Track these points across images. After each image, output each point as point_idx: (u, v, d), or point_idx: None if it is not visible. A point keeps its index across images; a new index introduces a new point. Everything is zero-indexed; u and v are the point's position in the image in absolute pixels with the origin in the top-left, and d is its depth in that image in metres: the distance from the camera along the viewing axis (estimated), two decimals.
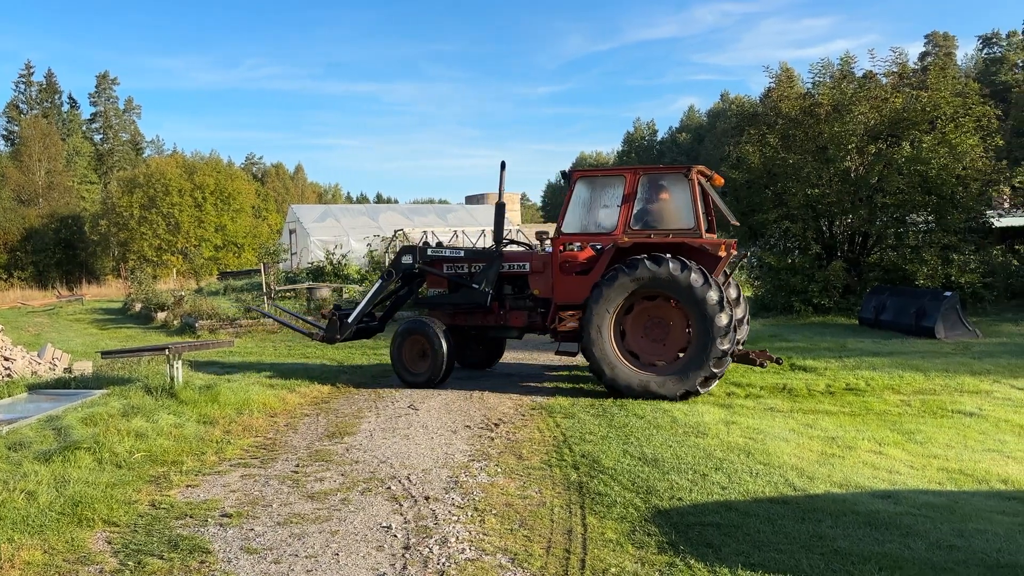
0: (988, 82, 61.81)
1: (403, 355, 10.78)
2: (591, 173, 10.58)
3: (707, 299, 9.17)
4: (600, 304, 9.52)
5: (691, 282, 9.18)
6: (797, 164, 19.79)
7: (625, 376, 9.50)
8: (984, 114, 19.38)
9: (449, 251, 11.49)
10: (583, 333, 9.65)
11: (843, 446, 7.36)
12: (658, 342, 9.78)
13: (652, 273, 9.32)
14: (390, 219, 40.29)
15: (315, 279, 26.98)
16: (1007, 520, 5.28)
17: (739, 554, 4.63)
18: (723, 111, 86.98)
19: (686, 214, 9.86)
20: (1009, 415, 8.53)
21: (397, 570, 4.57)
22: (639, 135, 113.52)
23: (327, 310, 11.77)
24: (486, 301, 10.76)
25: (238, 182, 61.75)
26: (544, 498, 5.89)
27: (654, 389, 9.40)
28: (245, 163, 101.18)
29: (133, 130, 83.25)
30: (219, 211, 57.60)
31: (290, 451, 7.44)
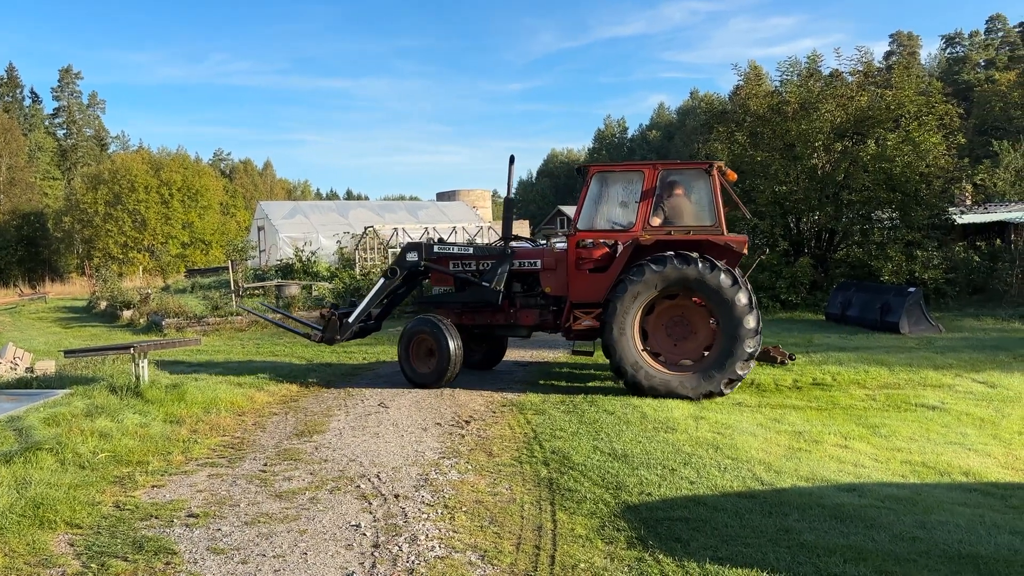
0: (951, 81, 63.00)
1: (410, 354, 10.39)
2: (608, 168, 10.32)
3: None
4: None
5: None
6: (765, 161, 20.00)
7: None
8: (947, 113, 19.74)
9: (457, 248, 11.07)
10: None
11: (810, 440, 7.45)
12: (679, 341, 9.61)
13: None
14: (360, 216, 40.06)
15: (284, 276, 26.73)
16: (968, 511, 5.38)
17: (707, 548, 4.67)
18: (693, 109, 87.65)
19: (708, 211, 9.73)
20: (970, 408, 8.69)
21: (366, 569, 4.54)
22: (610, 132, 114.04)
23: (326, 310, 11.25)
24: (497, 300, 10.37)
25: (206, 178, 60.97)
26: (514, 495, 5.89)
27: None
28: (213, 159, 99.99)
29: (97, 125, 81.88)
30: (186, 208, 56.84)
31: (258, 450, 7.37)
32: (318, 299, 21.72)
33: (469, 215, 42.81)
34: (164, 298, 22.61)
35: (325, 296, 21.67)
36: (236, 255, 34.29)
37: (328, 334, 10.99)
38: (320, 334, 11.06)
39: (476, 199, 53.88)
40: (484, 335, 11.30)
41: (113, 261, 48.18)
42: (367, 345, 14.82)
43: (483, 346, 11.72)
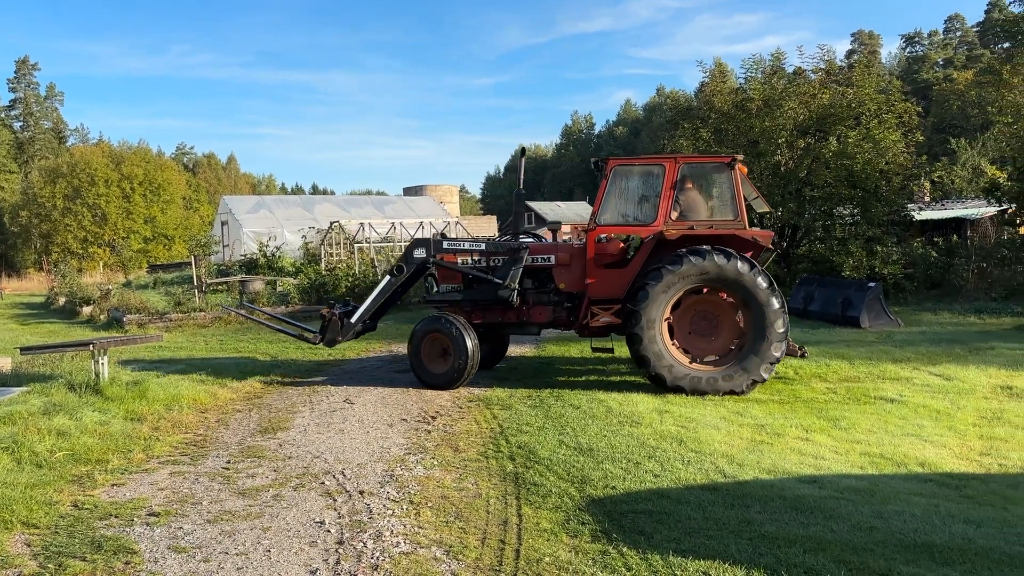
0: (910, 80, 64.15)
1: (422, 355, 9.94)
2: (628, 162, 10.16)
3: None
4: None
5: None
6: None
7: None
8: (905, 111, 20.12)
9: (468, 243, 10.72)
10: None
11: (772, 433, 7.56)
12: (704, 337, 9.54)
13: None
14: (326, 211, 39.75)
15: (248, 272, 26.47)
16: (923, 501, 5.50)
17: (670, 540, 4.71)
18: (659, 105, 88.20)
19: (730, 205, 9.70)
20: (927, 401, 8.88)
21: (330, 565, 4.52)
22: (577, 128, 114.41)
23: (326, 309, 10.61)
24: (512, 297, 9.99)
25: (168, 172, 60.09)
26: (480, 490, 5.90)
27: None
28: (176, 153, 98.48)
29: (55, 118, 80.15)
30: (148, 202, 55.96)
31: (221, 447, 7.29)
32: (282, 295, 21.53)
33: (436, 210, 42.69)
34: (125, 294, 22.26)
35: (290, 292, 21.48)
36: (199, 250, 33.83)
37: (329, 335, 10.42)
38: (319, 336, 10.48)
39: (443, 194, 53.78)
40: (487, 333, 10.82)
41: (72, 256, 47.31)
42: None
43: (485, 345, 11.14)
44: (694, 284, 9.23)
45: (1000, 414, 8.29)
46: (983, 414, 8.34)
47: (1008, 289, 18.38)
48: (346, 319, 10.39)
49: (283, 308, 20.14)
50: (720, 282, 9.15)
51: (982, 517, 5.13)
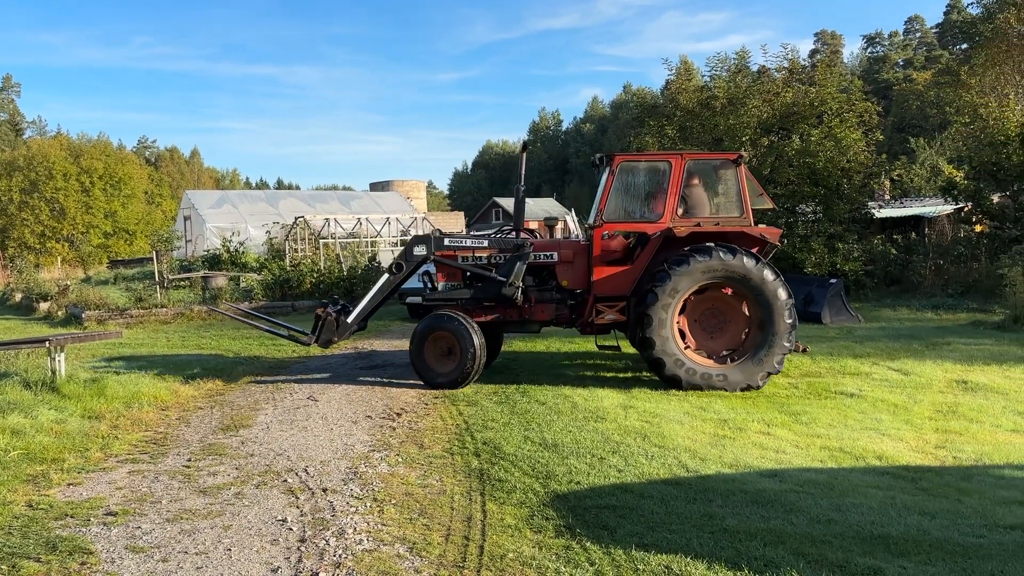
0: (871, 80, 65.21)
1: (425, 354, 9.65)
2: (634, 158, 10.11)
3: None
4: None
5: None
6: None
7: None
8: (866, 110, 20.45)
9: (471, 240, 10.40)
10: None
11: (734, 428, 7.64)
12: (711, 333, 9.56)
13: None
14: (291, 206, 39.39)
15: (211, 267, 26.12)
16: (880, 494, 5.60)
17: (633, 535, 4.75)
18: (626, 103, 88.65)
19: (736, 202, 9.74)
20: (886, 395, 9.04)
21: (292, 563, 4.48)
22: (544, 125, 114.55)
23: (321, 309, 10.18)
24: (516, 295, 9.81)
25: (129, 166, 58.96)
26: (445, 486, 5.88)
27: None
28: (137, 146, 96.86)
29: (12, 109, 78.42)
30: (108, 197, 54.86)
31: (182, 445, 7.18)
32: (246, 290, 21.28)
33: (403, 206, 42.48)
34: (84, 290, 21.84)
35: (253, 287, 21.25)
36: (161, 245, 33.33)
37: (325, 336, 10.06)
38: (313, 336, 10.10)
39: (410, 190, 53.60)
40: (485, 332, 10.29)
41: (29, 251, 46.26)
42: None
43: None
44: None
45: (955, 408, 8.47)
46: (939, 408, 8.51)
47: (964, 285, 18.78)
48: (342, 319, 10.10)
49: (247, 304, 19.92)
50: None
51: (936, 509, 5.24)
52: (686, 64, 46.02)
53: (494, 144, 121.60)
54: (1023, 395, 8.96)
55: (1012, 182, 19.64)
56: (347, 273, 21.79)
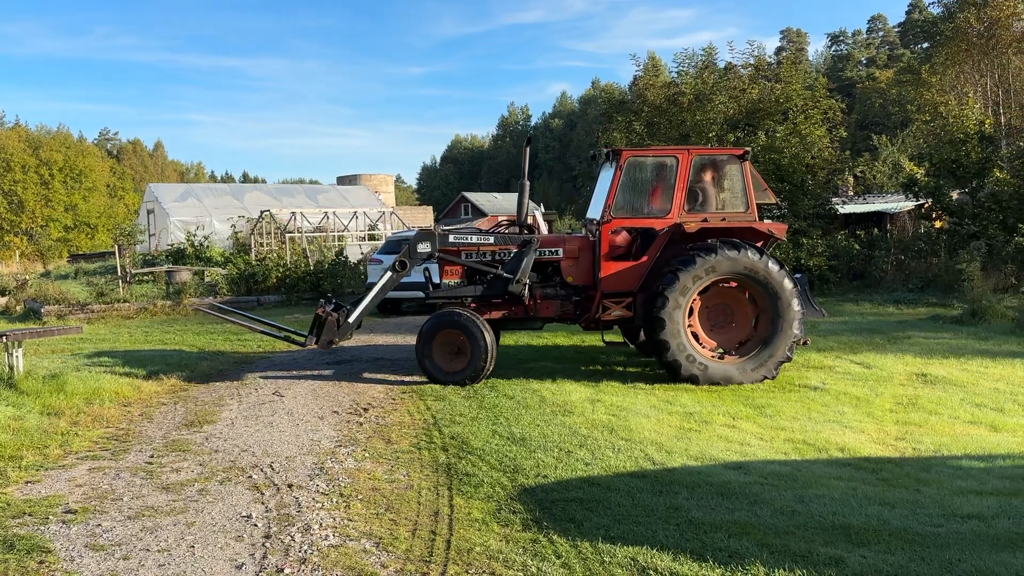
0: (836, 78, 66.10)
1: (434, 352, 9.44)
2: (641, 153, 10.12)
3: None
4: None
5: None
6: None
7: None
8: (830, 107, 20.73)
9: (476, 236, 10.15)
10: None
11: (700, 421, 7.72)
12: (720, 327, 9.60)
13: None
14: (256, 199, 38.95)
15: (175, 262, 25.75)
16: (842, 485, 5.69)
17: (600, 528, 4.77)
18: (594, 98, 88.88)
19: (741, 198, 9.83)
20: (848, 388, 9.19)
21: (257, 560, 4.43)
22: (513, 119, 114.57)
23: (322, 309, 9.74)
24: (523, 292, 9.72)
25: (90, 159, 57.98)
26: (412, 481, 5.86)
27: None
28: (99, 139, 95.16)
29: None
30: (69, 189, 53.89)
31: (144, 442, 7.07)
32: (210, 285, 21.01)
33: (371, 200, 42.21)
34: (44, 284, 21.38)
35: (218, 282, 20.98)
36: (124, 239, 32.77)
37: (326, 336, 9.67)
38: (312, 338, 9.71)
39: (378, 183, 53.21)
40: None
41: None
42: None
43: None
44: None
45: (915, 400, 8.63)
46: (899, 400, 8.67)
47: (924, 280, 19.12)
48: (343, 319, 9.73)
49: (211, 299, 19.67)
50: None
51: (896, 499, 5.34)
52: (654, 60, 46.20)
53: (463, 139, 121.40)
54: (980, 387, 9.16)
55: (970, 179, 20.04)
56: (314, 267, 21.61)
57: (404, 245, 17.21)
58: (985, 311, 14.10)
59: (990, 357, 10.80)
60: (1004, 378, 9.62)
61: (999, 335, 12.71)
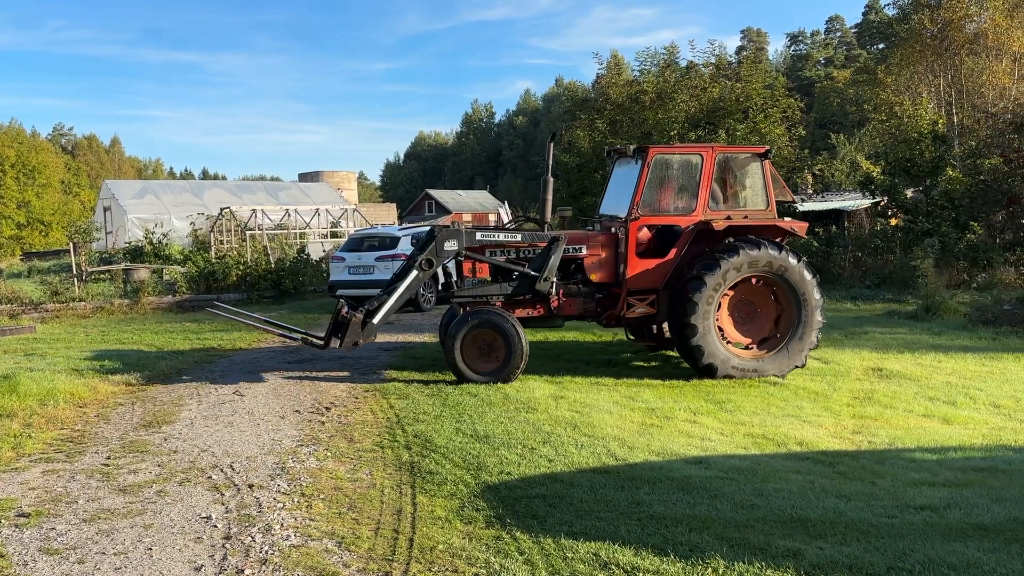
0: (795, 77, 67.05)
1: (466, 352, 9.23)
2: (668, 150, 10.12)
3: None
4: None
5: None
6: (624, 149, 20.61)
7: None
8: (789, 106, 21.05)
9: (504, 235, 10.04)
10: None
11: (661, 416, 7.79)
12: (743, 324, 9.76)
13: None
14: (216, 196, 38.42)
15: (133, 260, 25.30)
16: (800, 479, 5.79)
17: (562, 524, 4.80)
18: (558, 96, 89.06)
19: (762, 195, 9.96)
20: (807, 383, 9.34)
21: (216, 561, 4.38)
22: (477, 117, 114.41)
23: (345, 311, 9.41)
24: (550, 290, 9.66)
25: (44, 155, 56.67)
26: (374, 480, 5.84)
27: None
28: (52, 134, 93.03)
29: None
30: (21, 186, 52.60)
31: (101, 443, 6.94)
32: (169, 283, 20.68)
33: (333, 197, 41.86)
34: None
35: (177, 280, 20.65)
36: (79, 237, 32.11)
37: (350, 338, 9.36)
38: (336, 340, 9.41)
39: (341, 180, 52.79)
40: None
41: None
42: (223, 331, 14.26)
43: None
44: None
45: (871, 394, 8.81)
46: (856, 395, 8.84)
47: (880, 277, 19.51)
48: (368, 320, 9.43)
49: (170, 297, 19.37)
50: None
51: (852, 491, 5.45)
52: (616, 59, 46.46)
53: (427, 135, 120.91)
54: (933, 381, 9.38)
55: (924, 177, 20.49)
56: (275, 265, 21.39)
57: (367, 242, 17.38)
58: (938, 307, 14.44)
59: (943, 352, 11.06)
60: (956, 372, 9.86)
61: (952, 330, 13.02)
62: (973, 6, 30.99)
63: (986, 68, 30.53)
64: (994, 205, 19.24)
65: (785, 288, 9.54)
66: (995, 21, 29.97)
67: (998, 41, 30.10)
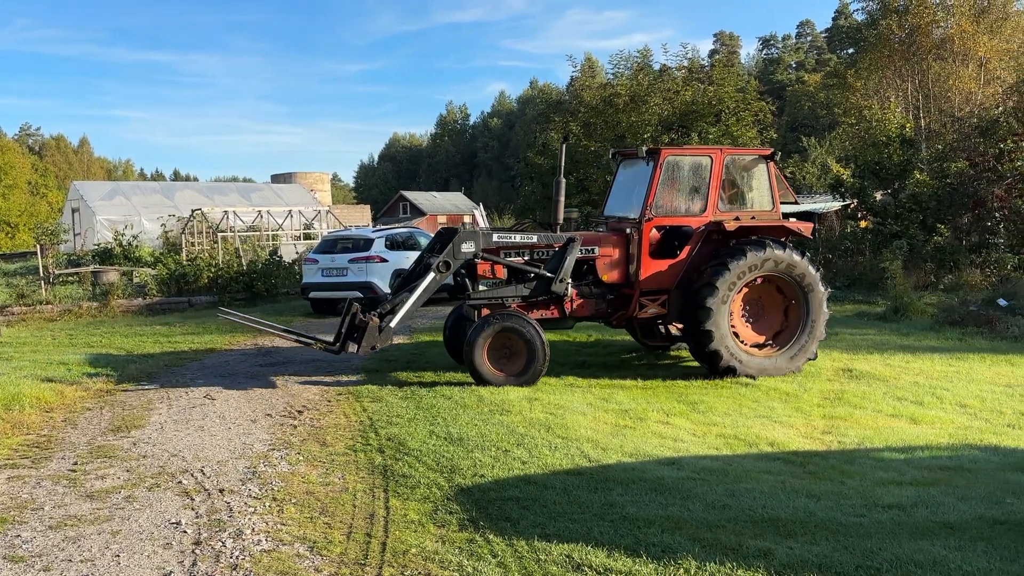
0: (766, 81, 67.70)
1: (487, 356, 9.17)
2: (679, 152, 10.27)
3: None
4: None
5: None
6: (598, 151, 20.71)
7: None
8: (761, 109, 21.25)
9: (520, 236, 10.00)
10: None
11: (635, 418, 7.82)
12: (754, 322, 9.93)
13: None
14: (187, 198, 37.99)
15: (103, 262, 24.92)
16: (771, 479, 5.84)
17: (536, 526, 4.80)
18: (532, 98, 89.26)
19: (767, 196, 10.13)
20: (777, 384, 9.42)
21: (186, 567, 4.33)
22: (452, 118, 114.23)
23: (363, 316, 9.22)
24: (566, 291, 9.67)
25: (10, 155, 55.74)
26: (347, 484, 5.81)
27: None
28: (19, 134, 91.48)
29: None
30: None
31: (68, 448, 6.84)
32: (139, 286, 20.42)
33: (306, 198, 41.57)
34: None
35: (147, 283, 20.39)
36: (47, 239, 31.63)
37: (367, 342, 9.14)
38: (352, 344, 9.18)
39: (314, 182, 52.43)
40: None
41: None
42: (194, 334, 14.11)
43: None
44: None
45: (841, 395, 8.91)
46: (826, 395, 8.94)
47: (850, 278, 19.73)
48: (385, 324, 9.25)
49: (140, 300, 19.13)
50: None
51: (822, 491, 5.51)
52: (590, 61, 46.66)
53: (401, 137, 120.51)
54: (901, 381, 9.51)
55: (893, 180, 20.76)
56: (247, 267, 21.20)
57: (340, 244, 17.27)
58: (907, 308, 14.65)
59: (911, 352, 11.22)
60: (923, 372, 10.01)
61: (919, 331, 13.21)
62: (940, 12, 31.52)
63: (952, 73, 31.06)
64: (960, 208, 19.54)
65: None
66: (961, 27, 30.51)
67: (964, 46, 30.64)
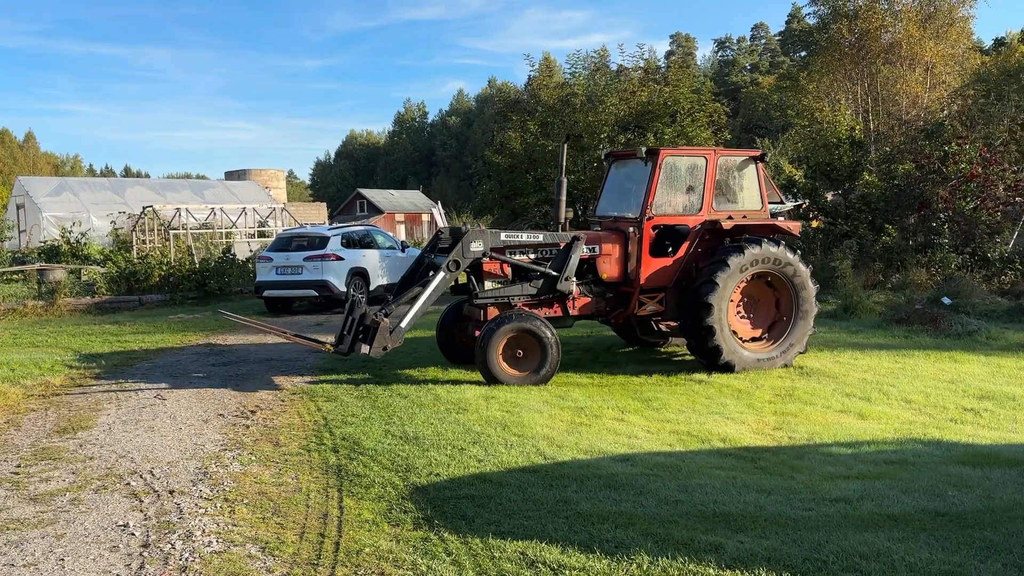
0: (722, 82, 68.66)
1: (500, 356, 9.15)
2: (676, 152, 10.47)
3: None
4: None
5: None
6: (555, 151, 20.75)
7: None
8: (716, 110, 21.51)
9: (527, 235, 10.07)
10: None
11: (590, 415, 7.88)
12: (749, 317, 10.19)
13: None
14: (138, 194, 37.21)
15: (49, 260, 24.28)
16: (723, 474, 5.93)
17: (491, 523, 4.81)
18: (491, 97, 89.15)
19: (757, 196, 10.40)
20: (731, 381, 9.55)
21: (133, 570, 4.25)
22: (410, 116, 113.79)
23: (374, 316, 9.14)
24: (571, 290, 9.80)
25: None
26: (300, 484, 5.75)
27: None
28: None
29: None
30: None
31: (10, 450, 6.66)
32: (88, 284, 19.95)
33: (261, 196, 40.99)
34: None
35: (96, 281, 19.93)
36: None
37: (378, 343, 9.07)
38: (363, 345, 9.08)
39: (269, 179, 51.68)
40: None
41: None
42: (144, 333, 13.84)
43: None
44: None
45: (792, 392, 9.07)
46: (778, 392, 9.09)
47: None
48: (397, 324, 9.19)
49: (89, 299, 18.70)
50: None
51: (772, 486, 5.61)
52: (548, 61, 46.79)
53: (358, 134, 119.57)
54: (850, 378, 9.72)
55: (843, 181, 21.18)
56: (199, 266, 20.84)
57: (295, 242, 17.09)
58: (856, 306, 14.98)
59: (859, 349, 11.47)
60: (871, 369, 10.24)
61: (868, 328, 13.52)
62: (888, 17, 32.23)
63: (900, 77, 31.78)
64: (907, 209, 20.00)
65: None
66: (908, 32, 31.24)
67: (911, 51, 31.38)
